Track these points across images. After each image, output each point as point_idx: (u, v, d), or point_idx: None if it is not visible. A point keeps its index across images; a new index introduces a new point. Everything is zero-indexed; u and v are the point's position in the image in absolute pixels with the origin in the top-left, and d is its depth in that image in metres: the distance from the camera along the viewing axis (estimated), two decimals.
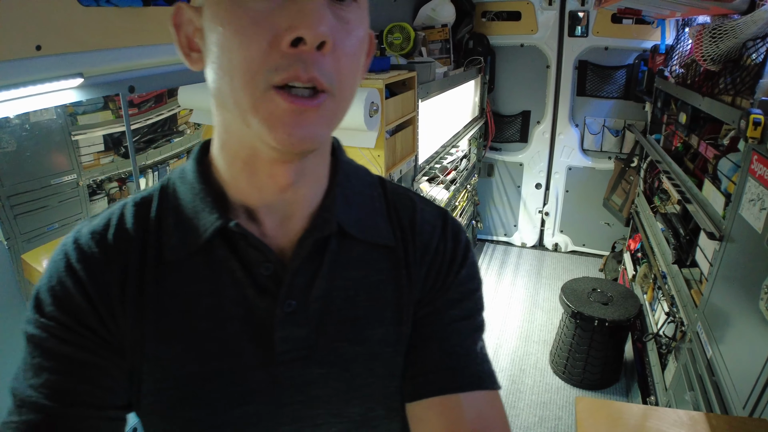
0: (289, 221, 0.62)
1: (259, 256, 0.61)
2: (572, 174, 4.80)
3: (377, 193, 0.71)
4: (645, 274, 3.32)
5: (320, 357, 0.63)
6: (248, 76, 0.49)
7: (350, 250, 0.65)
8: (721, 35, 2.03)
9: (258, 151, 0.56)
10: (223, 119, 0.58)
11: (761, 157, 1.64)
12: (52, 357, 0.57)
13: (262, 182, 0.59)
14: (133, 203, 0.64)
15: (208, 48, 0.53)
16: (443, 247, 0.70)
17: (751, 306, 1.54)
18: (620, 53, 4.25)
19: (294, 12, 0.48)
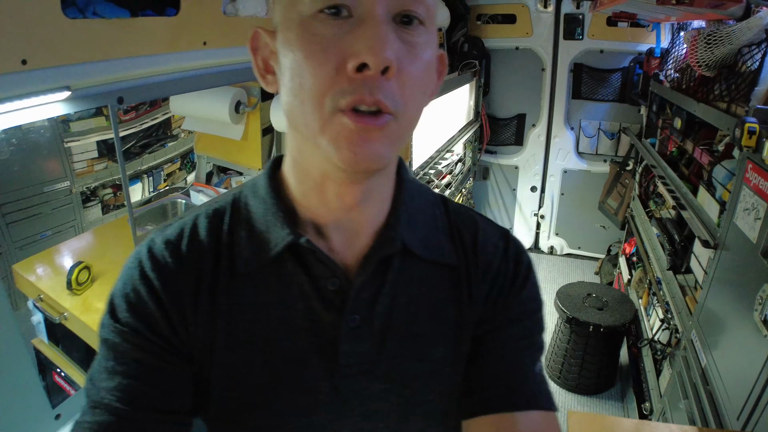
0: (355, 238, 0.64)
1: (327, 271, 0.62)
2: (567, 177, 4.79)
3: (440, 212, 0.73)
4: (640, 279, 3.32)
5: (382, 372, 0.65)
6: (317, 99, 0.51)
7: (413, 268, 0.67)
8: (716, 41, 2.02)
9: (326, 172, 0.58)
10: (295, 139, 0.61)
11: (756, 166, 1.63)
12: (125, 361, 0.59)
13: (330, 201, 0.61)
14: (206, 215, 0.67)
15: (282, 72, 0.56)
16: (505, 267, 0.71)
17: (745, 316, 1.54)
18: (615, 56, 4.25)
19: (359, 38, 0.50)
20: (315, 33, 0.51)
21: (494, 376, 0.67)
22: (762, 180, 1.58)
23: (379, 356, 0.64)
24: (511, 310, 0.70)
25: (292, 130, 0.60)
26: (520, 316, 0.70)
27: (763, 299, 1.45)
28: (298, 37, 0.52)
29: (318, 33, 0.51)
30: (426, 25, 0.55)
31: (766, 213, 1.52)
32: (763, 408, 1.35)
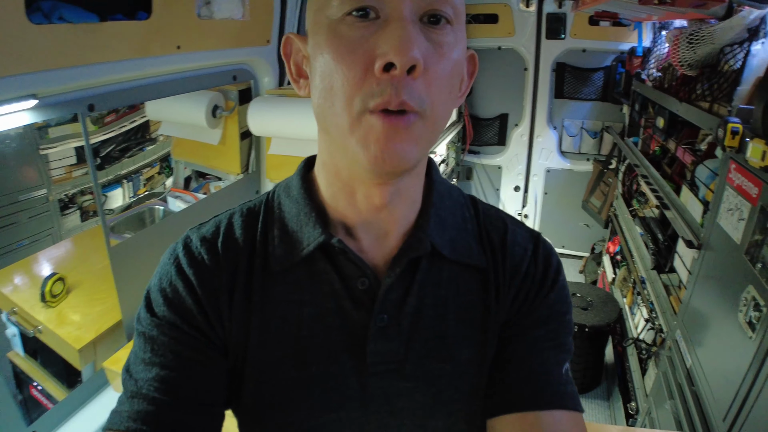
0: (384, 239, 0.66)
1: (357, 270, 0.64)
2: (551, 176, 4.81)
3: (469, 214, 0.73)
4: (624, 278, 3.33)
5: (408, 371, 0.66)
6: (346, 100, 0.53)
7: (441, 270, 0.68)
8: (698, 41, 2.03)
9: (355, 173, 0.60)
10: (325, 141, 0.63)
11: (739, 166, 1.63)
12: (162, 353, 0.61)
13: (359, 202, 0.63)
14: (241, 214, 0.69)
15: (313, 75, 0.58)
16: (534, 270, 0.71)
17: (730, 317, 1.54)
18: (598, 55, 4.26)
19: (386, 38, 0.51)
20: (343, 35, 0.53)
21: (519, 376, 0.67)
22: (745, 180, 1.58)
23: (406, 356, 0.65)
24: (537, 312, 0.70)
25: (322, 131, 0.62)
26: (547, 319, 0.70)
27: (747, 300, 1.45)
28: (327, 40, 0.54)
29: (346, 35, 0.53)
30: (453, 25, 0.56)
31: (750, 214, 1.52)
32: (749, 409, 1.34)
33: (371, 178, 0.59)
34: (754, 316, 1.41)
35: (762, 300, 1.38)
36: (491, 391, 0.68)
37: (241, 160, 2.48)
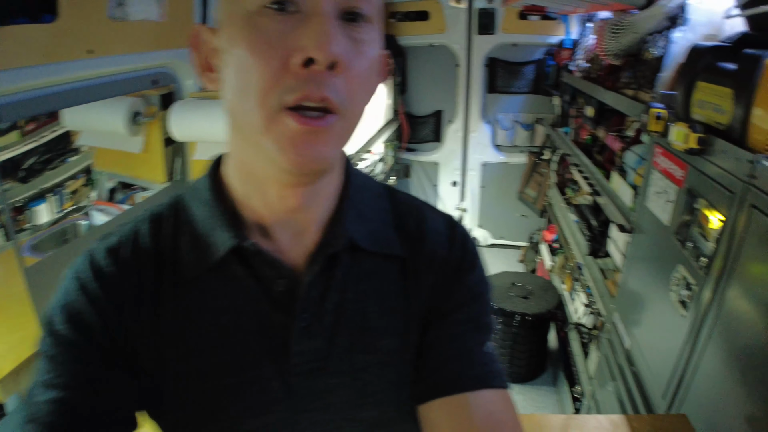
0: (301, 236, 0.64)
1: (274, 272, 0.62)
2: (487, 170, 4.88)
3: (386, 205, 0.72)
4: (562, 265, 3.41)
5: (334, 367, 0.65)
6: (261, 96, 0.50)
7: (361, 263, 0.67)
8: (622, 30, 2.08)
9: (269, 173, 0.57)
10: (238, 139, 0.59)
11: (664, 150, 1.68)
12: (61, 373, 0.58)
13: (273, 203, 0.61)
14: (147, 221, 0.65)
15: (224, 69, 0.55)
16: (451, 254, 0.71)
17: (663, 297, 1.58)
18: (528, 49, 4.35)
19: (306, 33, 0.49)
20: (260, 28, 0.50)
21: (443, 360, 0.67)
22: (671, 164, 1.63)
23: (330, 352, 0.64)
24: (457, 295, 0.70)
25: (234, 129, 0.58)
26: (467, 301, 0.71)
27: (678, 280, 1.50)
28: (243, 33, 0.51)
29: (263, 28, 0.50)
30: (372, 23, 0.55)
31: (677, 196, 1.57)
32: (686, 385, 1.38)
33: (286, 180, 0.57)
34: (686, 295, 1.45)
35: (692, 279, 1.42)
36: (418, 378, 0.68)
37: (165, 168, 2.35)
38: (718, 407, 1.22)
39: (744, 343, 1.15)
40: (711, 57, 1.45)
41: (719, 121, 1.36)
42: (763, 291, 1.11)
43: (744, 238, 1.18)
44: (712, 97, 1.40)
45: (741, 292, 1.19)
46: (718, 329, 1.26)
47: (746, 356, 1.13)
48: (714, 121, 1.38)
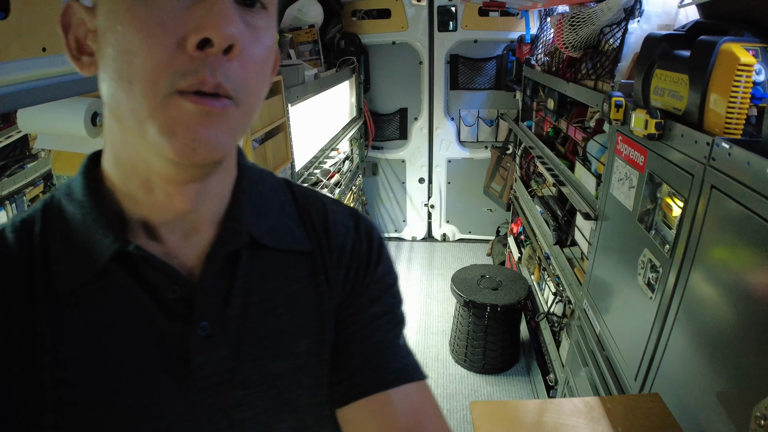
0: (193, 236, 0.59)
1: (164, 278, 0.56)
2: (452, 166, 4.94)
3: (286, 198, 0.69)
4: (530, 256, 3.46)
5: (243, 378, 0.60)
6: (151, 80, 0.46)
7: (265, 261, 0.63)
8: (580, 23, 2.12)
9: (155, 168, 0.52)
10: (118, 130, 0.53)
11: (625, 137, 1.72)
12: None
13: (161, 203, 0.55)
14: (12, 228, 0.56)
15: (104, 51, 0.48)
16: (359, 247, 0.70)
17: (630, 281, 1.62)
18: (489, 45, 4.41)
19: (202, 13, 0.45)
20: (150, 5, 0.45)
21: (362, 360, 0.66)
22: (632, 150, 1.67)
23: (238, 362, 0.59)
24: (368, 290, 0.69)
25: (114, 119, 0.52)
26: (378, 293, 0.70)
27: (644, 263, 1.53)
28: (130, 9, 0.45)
29: (154, 5, 0.45)
30: (268, 10, 0.52)
31: (639, 181, 1.60)
32: (657, 365, 1.41)
33: (175, 174, 0.52)
34: (652, 277, 1.49)
35: (657, 261, 1.45)
36: (337, 379, 0.66)
37: None
38: (689, 385, 1.25)
39: (710, 322, 1.18)
40: (666, 45, 1.49)
41: (677, 106, 1.40)
42: (726, 270, 1.15)
43: (705, 219, 1.22)
44: (669, 84, 1.43)
45: (705, 271, 1.22)
46: (685, 309, 1.30)
47: (713, 334, 1.17)
48: (672, 106, 1.42)
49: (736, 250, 1.11)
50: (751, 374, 1.02)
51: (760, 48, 1.22)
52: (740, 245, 1.09)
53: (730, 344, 1.10)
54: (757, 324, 1.01)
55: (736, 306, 1.09)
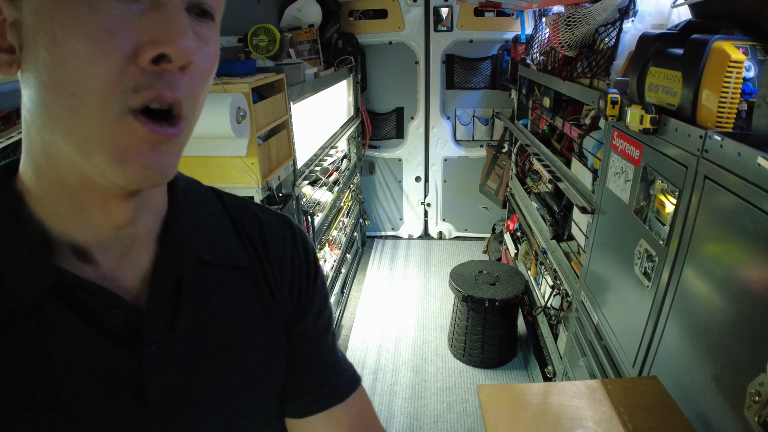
0: (130, 255, 0.54)
1: (104, 303, 0.51)
2: (448, 164, 4.99)
3: (218, 208, 0.66)
4: (526, 252, 3.52)
5: (198, 398, 0.57)
6: (101, 96, 0.41)
7: (207, 278, 0.59)
8: (575, 22, 2.18)
9: (90, 183, 0.46)
10: (48, 144, 0.46)
11: (621, 132, 1.78)
12: None
13: (94, 218, 0.50)
14: None
15: (34, 52, 0.42)
16: (298, 261, 0.69)
17: (627, 271, 1.67)
18: (484, 45, 4.48)
19: (156, 24, 0.42)
20: (97, 8, 0.40)
21: (319, 377, 0.71)
22: (628, 145, 1.73)
23: (192, 383, 0.56)
24: (313, 305, 0.71)
25: (43, 129, 0.45)
26: (320, 307, 0.72)
27: (641, 253, 1.59)
28: (72, 11, 0.40)
29: (102, 9, 0.40)
30: (215, 20, 0.49)
31: (635, 175, 1.66)
32: (654, 351, 1.47)
33: (114, 191, 0.48)
34: (648, 266, 1.54)
35: (653, 251, 1.51)
36: (296, 395, 0.70)
37: None
38: (685, 369, 1.30)
39: (705, 308, 1.24)
40: (660, 44, 1.55)
41: (670, 102, 1.45)
42: (719, 257, 1.21)
43: (699, 208, 1.27)
44: (663, 81, 1.49)
45: (699, 259, 1.28)
46: (680, 296, 1.35)
47: (708, 320, 1.22)
48: (666, 102, 1.48)
49: (729, 238, 1.16)
50: (744, 356, 1.08)
51: (749, 46, 1.28)
52: (733, 233, 1.14)
53: (724, 328, 1.15)
54: (750, 308, 1.07)
55: (731, 292, 1.14)
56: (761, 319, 1.03)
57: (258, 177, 2.08)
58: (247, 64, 2.29)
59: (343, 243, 4.01)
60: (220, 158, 2.04)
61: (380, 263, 4.82)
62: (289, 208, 2.49)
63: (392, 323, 3.85)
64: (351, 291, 4.33)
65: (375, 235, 5.41)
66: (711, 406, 1.18)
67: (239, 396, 0.61)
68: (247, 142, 2.00)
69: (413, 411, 2.98)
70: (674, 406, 1.15)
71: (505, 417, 1.13)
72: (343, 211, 4.10)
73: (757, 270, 1.06)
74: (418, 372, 3.32)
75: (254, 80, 2.06)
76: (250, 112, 1.97)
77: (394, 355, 3.49)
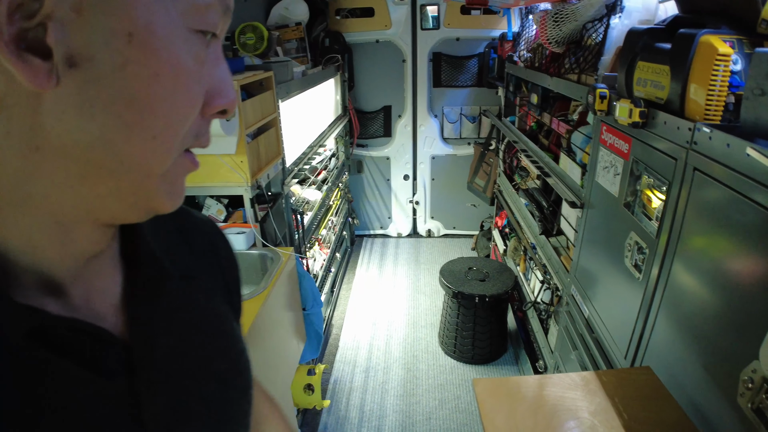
0: (98, 280, 0.49)
1: (86, 338, 0.44)
2: (436, 162, 5.00)
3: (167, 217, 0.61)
4: (515, 248, 3.54)
5: (186, 414, 0.54)
6: (179, 142, 0.42)
7: (177, 292, 0.56)
8: (563, 19, 2.20)
9: (98, 214, 0.43)
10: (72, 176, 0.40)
11: (610, 127, 1.80)
12: None
13: (77, 248, 0.45)
14: None
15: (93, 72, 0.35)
16: (231, 257, 0.70)
17: (617, 263, 1.69)
18: (471, 43, 4.50)
19: (220, 75, 0.43)
20: (187, 53, 0.39)
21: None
22: (616, 139, 1.75)
23: (180, 399, 0.54)
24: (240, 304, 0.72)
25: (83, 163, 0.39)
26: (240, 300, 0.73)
27: (631, 246, 1.60)
28: (169, 47, 0.37)
29: (184, 56, 0.39)
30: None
31: (624, 168, 1.68)
32: (646, 343, 1.48)
33: (113, 221, 0.45)
34: (639, 258, 1.56)
35: (644, 243, 1.52)
36: None
37: None
38: (677, 359, 1.32)
39: (696, 299, 1.25)
40: (648, 38, 1.56)
41: (659, 96, 1.47)
42: (710, 249, 1.22)
43: (688, 200, 1.29)
44: (651, 75, 1.50)
45: (690, 251, 1.29)
46: (671, 288, 1.37)
47: (699, 310, 1.23)
48: (654, 96, 1.49)
49: (718, 229, 1.18)
50: (736, 344, 1.09)
51: (736, 39, 1.29)
52: (722, 223, 1.16)
53: (715, 318, 1.17)
54: (739, 297, 1.09)
55: (721, 282, 1.16)
56: (751, 307, 1.04)
57: (247, 175, 2.07)
58: (235, 62, 2.28)
59: (332, 242, 4.00)
60: (209, 157, 2.03)
61: (369, 262, 4.81)
62: (279, 207, 2.48)
63: (383, 321, 3.85)
64: (341, 290, 4.32)
65: (364, 233, 5.41)
66: (704, 394, 1.19)
67: (219, 402, 0.59)
68: (237, 140, 1.99)
69: (405, 408, 2.98)
70: (668, 396, 1.16)
71: (501, 410, 1.13)
72: (332, 210, 4.09)
73: (747, 259, 1.08)
74: (409, 369, 3.32)
75: (243, 78, 2.05)
76: (239, 109, 1.95)
77: (385, 353, 3.49)
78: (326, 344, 3.61)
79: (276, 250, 2.20)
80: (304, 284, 2.39)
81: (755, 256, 1.05)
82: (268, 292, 1.89)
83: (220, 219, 2.28)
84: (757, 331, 1.00)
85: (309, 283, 2.43)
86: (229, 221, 2.28)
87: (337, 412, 2.99)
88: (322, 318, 2.60)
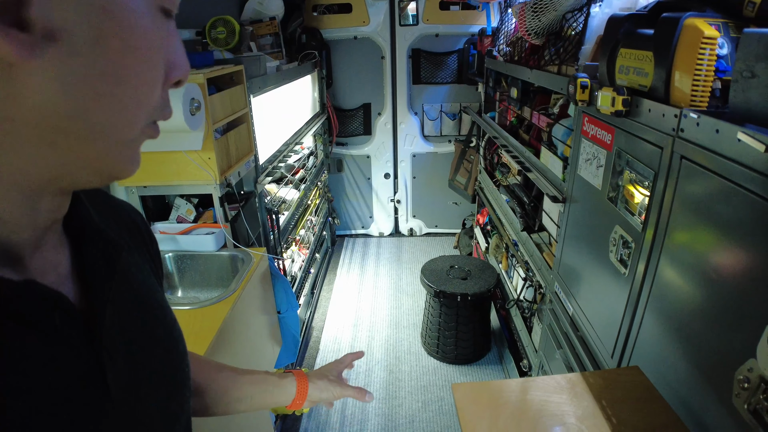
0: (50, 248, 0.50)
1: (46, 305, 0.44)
2: (417, 160, 4.94)
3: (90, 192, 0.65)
4: (497, 245, 3.48)
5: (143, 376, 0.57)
6: (142, 110, 0.44)
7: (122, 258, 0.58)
8: (542, 9, 2.14)
9: (62, 181, 0.43)
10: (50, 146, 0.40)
11: (592, 117, 1.74)
12: None
13: (40, 218, 0.46)
14: None
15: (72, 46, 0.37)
16: (149, 231, 0.73)
17: (602, 259, 1.63)
18: (450, 39, 4.43)
19: (177, 48, 0.46)
20: (153, 30, 0.42)
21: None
22: (599, 130, 1.69)
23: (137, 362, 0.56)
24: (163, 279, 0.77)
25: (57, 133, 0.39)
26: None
27: (616, 240, 1.54)
28: (135, 27, 0.40)
29: (155, 31, 0.42)
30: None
31: (607, 160, 1.62)
32: (633, 340, 1.42)
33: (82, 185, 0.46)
34: (624, 253, 1.50)
35: (629, 237, 1.47)
36: None
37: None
38: (667, 358, 1.26)
39: (684, 294, 1.20)
40: (630, 24, 1.51)
41: (642, 83, 1.41)
42: (699, 241, 1.16)
43: (675, 190, 1.23)
44: (634, 62, 1.45)
45: (678, 244, 1.24)
46: (659, 283, 1.31)
47: (688, 306, 1.18)
48: (637, 84, 1.44)
49: (708, 221, 1.12)
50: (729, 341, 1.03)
51: (722, 23, 1.23)
52: (712, 215, 1.10)
53: (707, 314, 1.11)
54: (732, 291, 1.03)
55: (711, 275, 1.10)
56: (744, 303, 0.98)
57: (215, 173, 1.97)
58: (203, 56, 2.18)
59: (311, 242, 3.91)
60: (175, 153, 1.92)
61: (351, 262, 4.73)
62: (251, 206, 2.38)
63: (364, 323, 3.77)
64: (321, 291, 4.23)
65: (345, 233, 5.33)
66: (696, 395, 1.13)
67: (167, 364, 0.63)
68: (203, 136, 1.89)
69: (388, 411, 2.90)
70: (658, 397, 1.10)
71: (482, 417, 1.06)
72: (311, 210, 4.00)
73: (738, 251, 1.02)
74: (391, 371, 3.24)
75: (210, 71, 1.95)
76: (205, 103, 1.86)
77: (367, 355, 3.41)
78: (306, 347, 3.52)
79: (247, 251, 2.10)
80: (278, 286, 2.29)
81: (747, 247, 0.99)
82: (238, 294, 1.80)
83: (189, 219, 2.18)
84: (751, 328, 0.94)
85: (283, 284, 2.33)
86: (199, 221, 2.17)
87: (317, 417, 2.90)
88: (298, 321, 2.50)
